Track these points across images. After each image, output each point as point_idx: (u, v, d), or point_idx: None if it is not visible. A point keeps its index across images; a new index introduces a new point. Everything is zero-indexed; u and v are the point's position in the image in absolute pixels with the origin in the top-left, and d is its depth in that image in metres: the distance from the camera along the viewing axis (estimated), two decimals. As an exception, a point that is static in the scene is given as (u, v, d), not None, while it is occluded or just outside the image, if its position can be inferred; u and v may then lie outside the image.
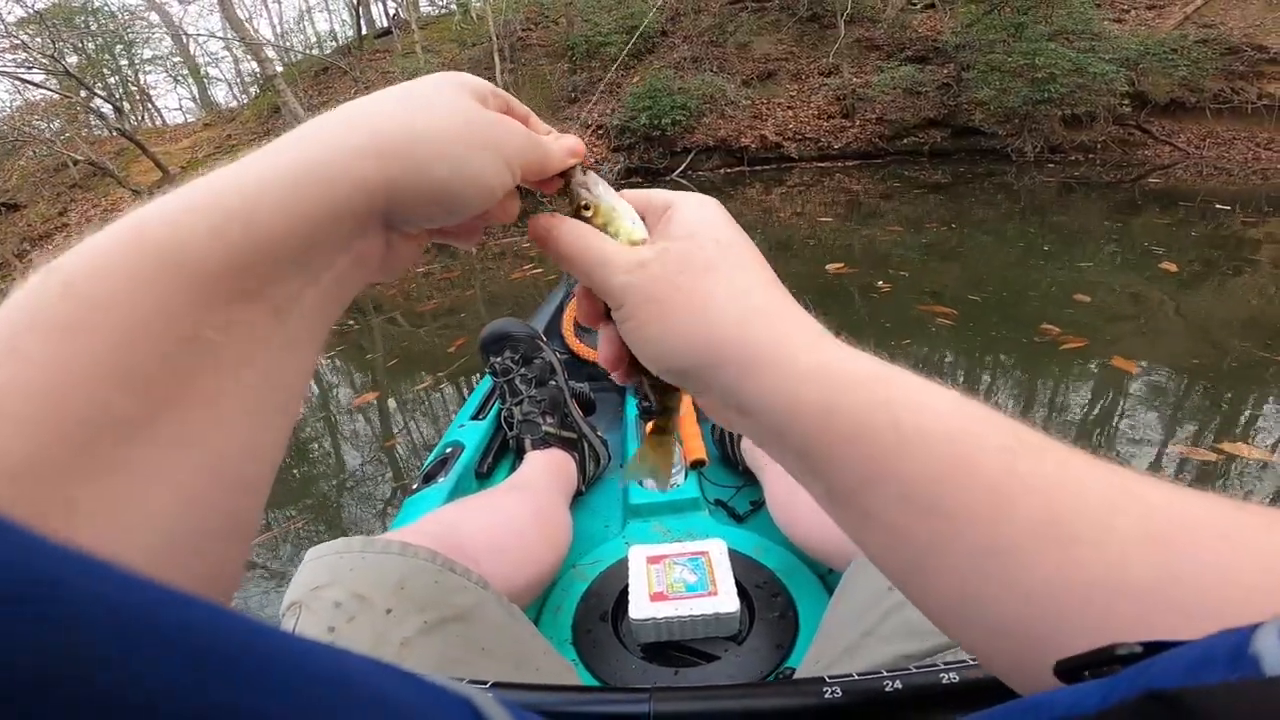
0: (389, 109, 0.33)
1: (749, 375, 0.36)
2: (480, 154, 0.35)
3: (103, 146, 11.38)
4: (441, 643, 0.59)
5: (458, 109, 0.35)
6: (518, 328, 1.24)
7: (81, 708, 0.10)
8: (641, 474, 0.50)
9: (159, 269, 0.25)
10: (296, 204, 0.29)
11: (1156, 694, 0.19)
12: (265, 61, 10.41)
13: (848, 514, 0.35)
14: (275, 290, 0.29)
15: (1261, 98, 8.50)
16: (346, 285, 0.34)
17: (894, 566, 0.34)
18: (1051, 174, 7.81)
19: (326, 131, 0.32)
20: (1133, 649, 0.23)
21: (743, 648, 0.84)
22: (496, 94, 0.40)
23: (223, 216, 0.27)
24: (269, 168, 0.30)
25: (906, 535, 0.31)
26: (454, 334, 3.70)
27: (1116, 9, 9.88)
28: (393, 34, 12.98)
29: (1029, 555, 0.27)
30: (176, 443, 0.25)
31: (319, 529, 2.12)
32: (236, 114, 13.59)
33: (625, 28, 10.15)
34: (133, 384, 0.24)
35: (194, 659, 0.12)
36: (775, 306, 0.38)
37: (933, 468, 0.30)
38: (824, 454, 0.34)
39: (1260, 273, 3.90)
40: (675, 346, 0.38)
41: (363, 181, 0.31)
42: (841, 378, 0.34)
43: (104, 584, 0.12)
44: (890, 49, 10.23)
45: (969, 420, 0.32)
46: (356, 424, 2.88)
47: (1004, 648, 0.29)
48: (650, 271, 0.39)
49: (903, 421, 0.32)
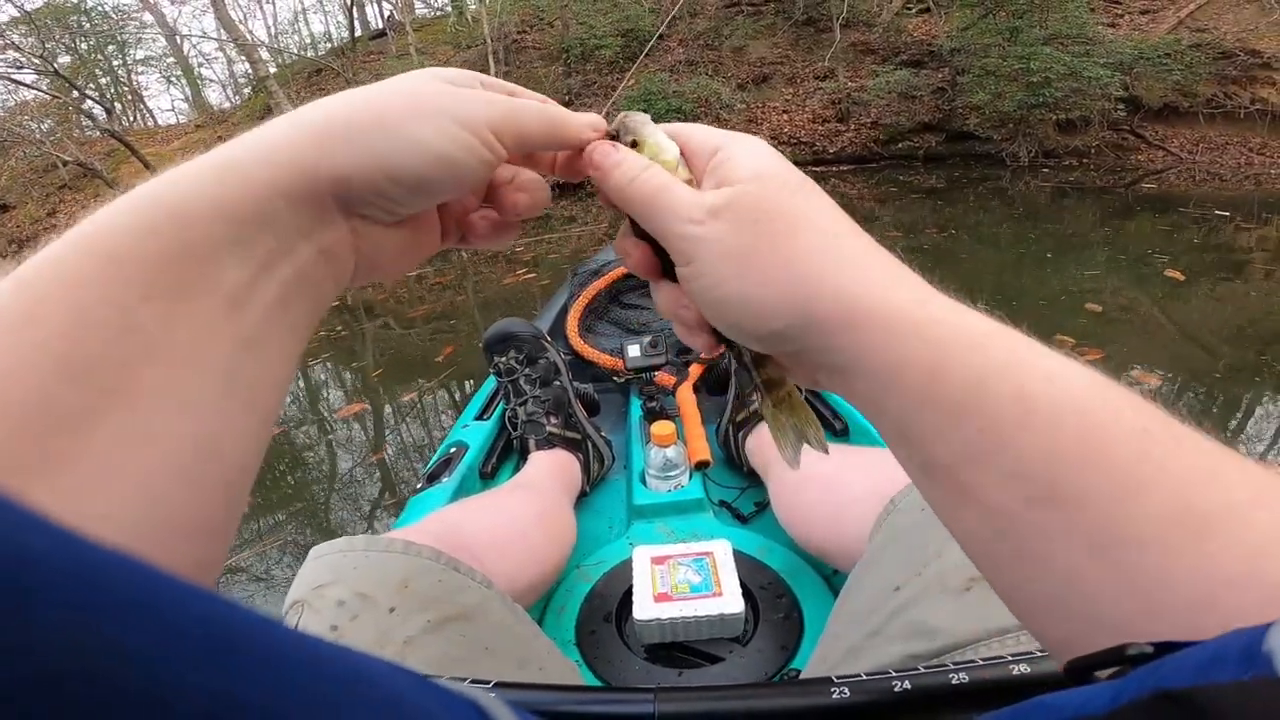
0: (340, 98, 0.33)
1: (847, 333, 0.32)
2: (427, 121, 0.33)
3: (93, 147, 11.37)
4: (445, 642, 0.58)
5: (408, 86, 0.34)
6: (522, 328, 1.24)
7: (93, 700, 0.10)
8: (790, 441, 0.42)
9: (97, 261, 0.26)
10: (220, 188, 0.29)
11: (1168, 693, 0.19)
12: (258, 63, 10.39)
13: (942, 491, 0.32)
14: (220, 280, 0.28)
15: (1255, 102, 8.55)
16: (316, 282, 0.33)
17: (988, 551, 0.31)
18: (1046, 179, 7.84)
19: (269, 124, 0.32)
20: (1143, 649, 0.23)
21: (747, 649, 0.84)
22: (488, 83, 0.38)
23: (151, 206, 0.28)
24: (205, 159, 0.30)
25: (1013, 518, 0.28)
26: (445, 339, 3.67)
27: (1110, 13, 9.94)
28: (387, 36, 12.97)
29: (1157, 548, 0.25)
30: (128, 437, 0.25)
31: (302, 538, 2.11)
32: (229, 115, 13.61)
33: (620, 30, 10.18)
34: (77, 375, 0.24)
35: (207, 652, 0.12)
36: (868, 254, 0.35)
37: (1058, 446, 0.27)
38: (927, 422, 0.31)
39: (1274, 279, 3.89)
40: (761, 308, 0.34)
41: (295, 163, 0.30)
42: (953, 336, 0.31)
43: (117, 572, 0.12)
44: (885, 53, 10.28)
45: (1103, 396, 0.29)
46: (340, 434, 2.84)
47: (1107, 644, 0.26)
48: (725, 222, 0.35)
49: (1028, 391, 0.29)
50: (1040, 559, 0.28)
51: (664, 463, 1.14)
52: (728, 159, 0.36)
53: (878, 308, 0.32)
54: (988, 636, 0.50)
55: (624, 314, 1.66)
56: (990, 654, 0.49)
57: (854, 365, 0.33)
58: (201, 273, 0.28)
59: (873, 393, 0.33)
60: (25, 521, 0.12)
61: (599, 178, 0.38)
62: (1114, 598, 0.26)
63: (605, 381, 1.52)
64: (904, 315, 0.32)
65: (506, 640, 0.63)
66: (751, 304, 0.34)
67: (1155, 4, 9.87)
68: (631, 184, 0.37)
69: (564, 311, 1.66)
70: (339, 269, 0.34)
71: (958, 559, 0.55)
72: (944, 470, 0.31)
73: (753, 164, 0.36)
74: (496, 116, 0.35)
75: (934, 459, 0.31)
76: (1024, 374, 0.29)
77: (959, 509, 0.31)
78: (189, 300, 0.27)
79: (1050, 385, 0.29)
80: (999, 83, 8.55)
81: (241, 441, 0.30)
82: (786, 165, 0.37)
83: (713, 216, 0.35)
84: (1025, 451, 0.28)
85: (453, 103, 0.33)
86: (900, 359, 0.31)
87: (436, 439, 2.35)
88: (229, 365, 0.28)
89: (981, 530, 0.30)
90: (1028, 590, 0.30)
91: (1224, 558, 0.24)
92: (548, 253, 5.64)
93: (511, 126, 0.35)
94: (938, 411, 0.30)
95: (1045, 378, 0.29)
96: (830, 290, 0.33)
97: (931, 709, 0.42)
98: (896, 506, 0.66)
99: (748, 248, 0.34)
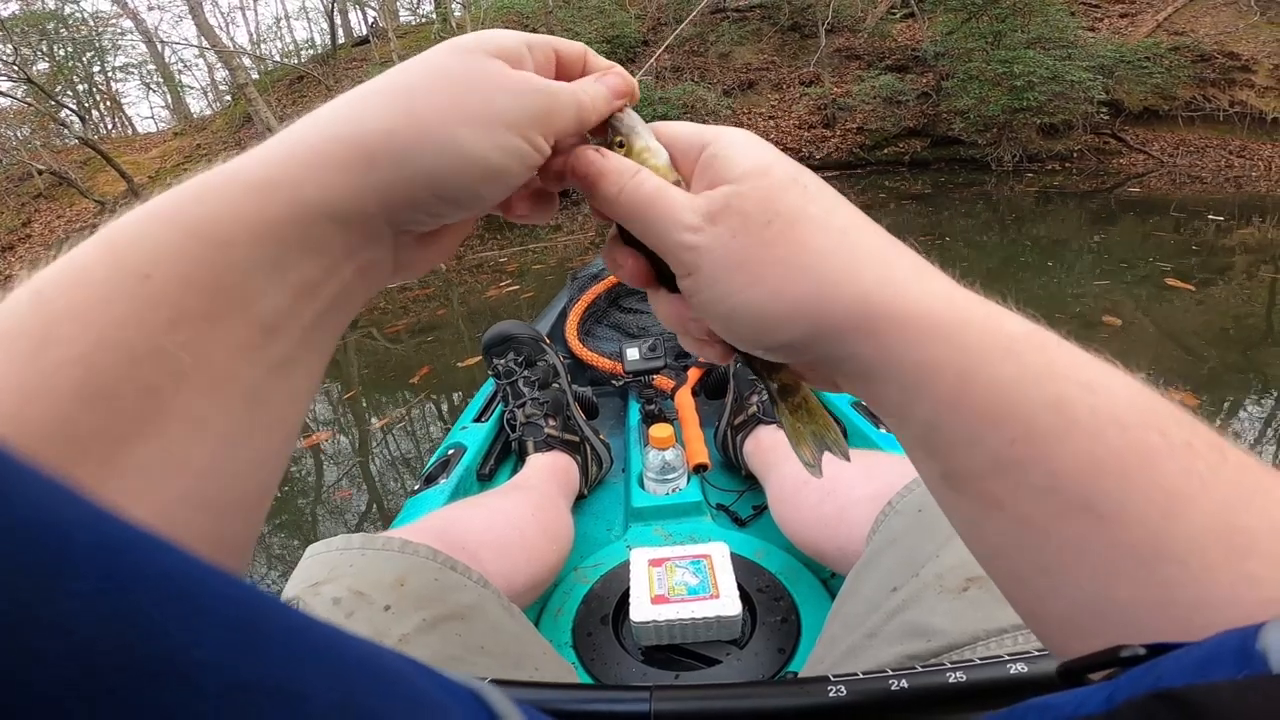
0: (374, 104, 0.30)
1: (869, 338, 0.30)
2: (475, 129, 0.30)
3: (68, 155, 11.22)
4: (440, 641, 0.58)
5: (452, 75, 0.31)
6: (521, 330, 1.24)
7: (123, 670, 0.11)
8: (811, 449, 0.40)
9: (123, 279, 0.25)
10: (262, 208, 0.27)
11: (1163, 693, 0.19)
12: (237, 69, 10.32)
13: (965, 501, 0.30)
14: (255, 304, 0.27)
15: (1234, 105, 8.64)
16: (352, 298, 0.32)
17: (1011, 563, 0.29)
18: (1030, 183, 7.88)
19: (298, 135, 0.30)
20: (1136, 651, 0.23)
21: (744, 651, 0.84)
22: (537, 45, 0.35)
23: (182, 223, 0.26)
24: (233, 173, 0.28)
25: (1043, 531, 0.27)
26: (423, 358, 3.57)
27: (1090, 17, 10.02)
28: (370, 43, 12.92)
29: (1198, 565, 0.24)
30: (151, 465, 0.24)
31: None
32: (208, 123, 13.50)
33: (606, 37, 10.17)
34: (97, 400, 0.23)
35: (232, 629, 0.13)
36: (884, 249, 0.32)
37: (1099, 459, 0.26)
38: (955, 429, 0.29)
39: (1257, 281, 3.88)
40: (774, 318, 0.32)
41: (346, 185, 0.29)
42: (984, 338, 0.29)
43: (149, 550, 0.13)
44: (870, 58, 10.31)
45: (1146, 407, 0.27)
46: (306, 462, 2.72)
47: None
48: (724, 227, 0.32)
49: (1068, 400, 0.27)
50: (1069, 573, 0.27)
51: (662, 465, 1.14)
52: (717, 155, 0.34)
53: (901, 309, 0.30)
54: (985, 637, 0.50)
55: (623, 318, 1.66)
56: (988, 654, 0.49)
57: (877, 371, 0.31)
58: (236, 297, 0.26)
59: (898, 399, 0.31)
60: (61, 496, 0.12)
61: (584, 188, 0.36)
62: (1148, 614, 0.25)
63: (604, 384, 1.53)
64: (931, 316, 0.30)
65: (502, 640, 0.63)
66: (764, 315, 0.32)
67: (1134, 7, 9.97)
68: (621, 193, 0.34)
69: (563, 314, 1.66)
70: (376, 280, 0.33)
71: (955, 560, 0.56)
72: (970, 480, 0.29)
73: (745, 159, 0.33)
74: (540, 113, 0.32)
75: (960, 468, 0.30)
76: (1061, 381, 0.28)
77: (983, 520, 0.30)
78: (220, 324, 0.26)
79: (1091, 395, 0.27)
80: (983, 87, 8.60)
81: (265, 462, 0.29)
82: (779, 156, 0.34)
83: (711, 222, 0.32)
84: (1062, 463, 0.26)
85: (500, 102, 0.31)
86: (928, 363, 0.29)
87: (416, 462, 2.28)
88: (258, 389, 0.27)
89: (1007, 542, 0.29)
90: (1050, 604, 0.28)
91: (1265, 577, 0.23)
92: (533, 263, 5.58)
93: (554, 121, 0.33)
94: (968, 419, 0.29)
95: (1085, 386, 0.27)
96: (848, 294, 0.30)
97: (928, 708, 0.42)
98: (894, 509, 0.66)
99: (753, 254, 0.31)
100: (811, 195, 0.33)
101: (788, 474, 0.96)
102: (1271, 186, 6.85)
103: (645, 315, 1.64)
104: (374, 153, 0.29)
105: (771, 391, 0.40)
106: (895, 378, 0.30)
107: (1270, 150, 8.28)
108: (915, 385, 0.30)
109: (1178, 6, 9.32)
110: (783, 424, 0.40)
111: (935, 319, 0.30)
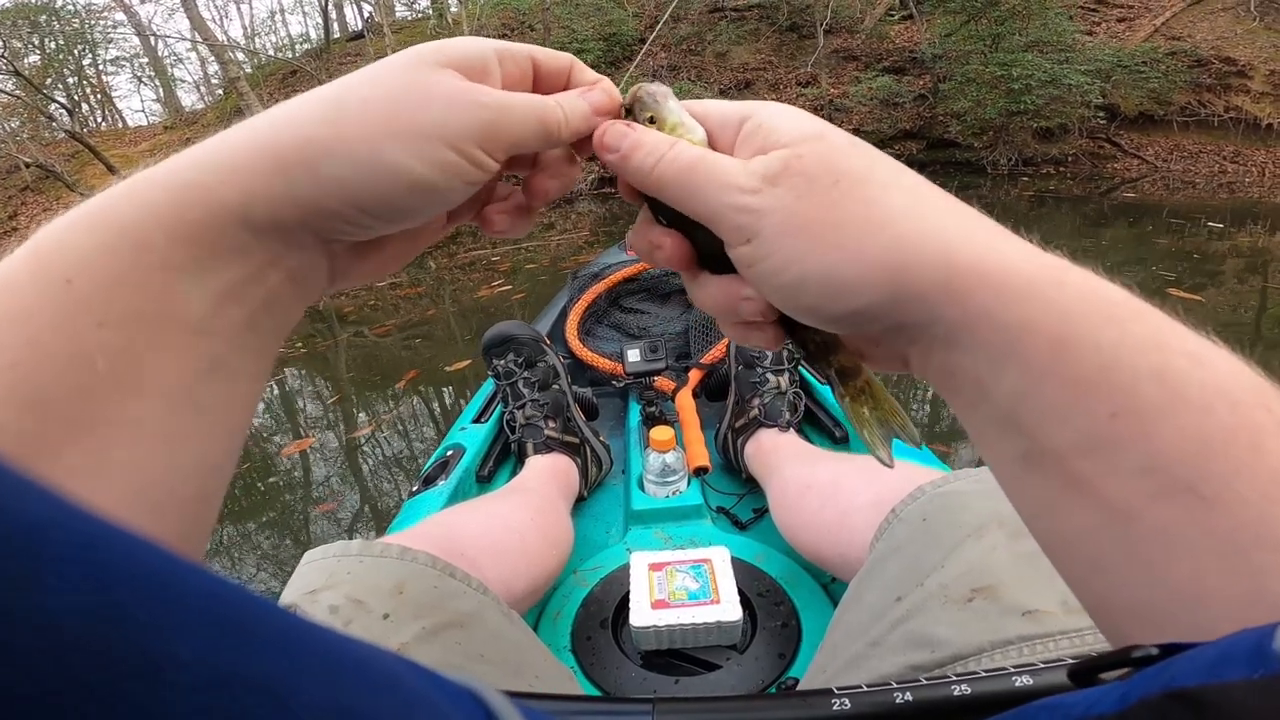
0: (303, 111, 0.30)
1: (954, 300, 0.28)
2: (402, 142, 0.29)
3: (57, 149, 11.16)
4: (439, 649, 0.57)
5: (389, 88, 0.30)
6: (521, 330, 1.23)
7: (98, 665, 0.11)
8: (878, 435, 0.37)
9: (48, 284, 0.25)
10: (178, 210, 0.27)
11: (1177, 693, 0.19)
12: (229, 63, 10.28)
13: (1044, 482, 0.28)
14: (182, 306, 0.27)
15: (1228, 110, 8.70)
16: (286, 303, 0.32)
17: (1089, 551, 0.27)
18: (1025, 187, 7.92)
19: (229, 136, 0.30)
20: (1149, 651, 0.23)
21: (745, 657, 0.83)
22: (511, 56, 0.33)
23: (104, 224, 0.27)
24: (160, 172, 0.28)
25: (1134, 516, 0.25)
26: (409, 363, 3.52)
27: (1088, 21, 10.06)
28: (365, 38, 12.89)
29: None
30: (87, 468, 0.24)
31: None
32: (199, 116, 13.47)
33: (603, 35, 10.18)
34: (33, 406, 0.23)
35: (211, 625, 0.12)
36: (959, 209, 0.30)
37: (1208, 436, 0.24)
38: (1046, 400, 0.27)
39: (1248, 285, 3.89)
40: (846, 284, 0.29)
41: (259, 192, 0.28)
42: (1082, 301, 0.27)
43: (124, 545, 0.12)
44: (868, 59, 10.34)
45: (1250, 383, 0.25)
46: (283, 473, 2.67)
47: None
48: (786, 188, 0.30)
49: (1175, 371, 0.25)
50: (1156, 561, 0.25)
51: (662, 468, 1.14)
52: (762, 125, 0.32)
53: (990, 268, 0.28)
54: (991, 648, 0.50)
55: (624, 318, 1.65)
56: (993, 665, 0.48)
57: (962, 337, 0.28)
58: (161, 298, 0.27)
59: (981, 368, 0.28)
60: (35, 493, 0.12)
61: (615, 164, 0.34)
62: (1239, 605, 0.23)
63: (604, 385, 1.52)
64: (1022, 275, 0.28)
65: (502, 647, 0.62)
66: (838, 279, 0.29)
67: (1131, 12, 10.01)
68: (660, 164, 0.32)
69: (563, 314, 1.65)
70: (310, 287, 0.33)
71: (960, 570, 0.55)
72: (1056, 458, 0.27)
73: (796, 127, 0.31)
74: (483, 128, 0.31)
75: (1047, 445, 0.27)
76: (1167, 351, 0.25)
77: (1064, 503, 0.27)
78: (149, 326, 0.26)
79: (1199, 368, 0.25)
80: (980, 90, 8.64)
81: (209, 461, 0.29)
82: (829, 124, 0.32)
83: (770, 184, 0.30)
84: (1166, 441, 0.24)
85: (435, 115, 0.30)
86: (1020, 325, 0.27)
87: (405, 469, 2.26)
88: (194, 390, 0.28)
89: (1087, 527, 0.27)
90: (1125, 593, 0.26)
91: None
92: (525, 262, 5.54)
93: (502, 136, 0.31)
94: (1062, 389, 0.26)
95: (1192, 357, 0.25)
96: (931, 252, 0.28)
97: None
98: (898, 516, 0.65)
99: (823, 215, 0.29)
100: (875, 156, 0.31)
101: (789, 478, 0.95)
102: (1264, 193, 6.90)
103: (646, 315, 1.64)
104: (287, 161, 0.29)
105: (830, 376, 0.37)
106: (983, 344, 0.28)
107: (1264, 156, 8.35)
108: (1004, 352, 0.27)
109: (1175, 11, 9.36)
110: (845, 410, 0.38)
111: (1028, 278, 0.27)
